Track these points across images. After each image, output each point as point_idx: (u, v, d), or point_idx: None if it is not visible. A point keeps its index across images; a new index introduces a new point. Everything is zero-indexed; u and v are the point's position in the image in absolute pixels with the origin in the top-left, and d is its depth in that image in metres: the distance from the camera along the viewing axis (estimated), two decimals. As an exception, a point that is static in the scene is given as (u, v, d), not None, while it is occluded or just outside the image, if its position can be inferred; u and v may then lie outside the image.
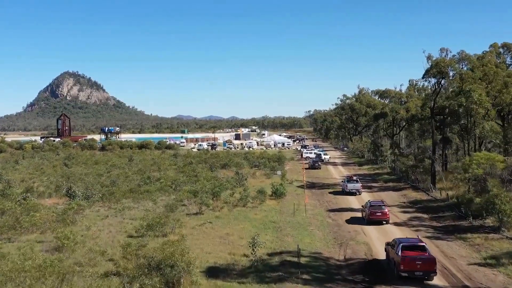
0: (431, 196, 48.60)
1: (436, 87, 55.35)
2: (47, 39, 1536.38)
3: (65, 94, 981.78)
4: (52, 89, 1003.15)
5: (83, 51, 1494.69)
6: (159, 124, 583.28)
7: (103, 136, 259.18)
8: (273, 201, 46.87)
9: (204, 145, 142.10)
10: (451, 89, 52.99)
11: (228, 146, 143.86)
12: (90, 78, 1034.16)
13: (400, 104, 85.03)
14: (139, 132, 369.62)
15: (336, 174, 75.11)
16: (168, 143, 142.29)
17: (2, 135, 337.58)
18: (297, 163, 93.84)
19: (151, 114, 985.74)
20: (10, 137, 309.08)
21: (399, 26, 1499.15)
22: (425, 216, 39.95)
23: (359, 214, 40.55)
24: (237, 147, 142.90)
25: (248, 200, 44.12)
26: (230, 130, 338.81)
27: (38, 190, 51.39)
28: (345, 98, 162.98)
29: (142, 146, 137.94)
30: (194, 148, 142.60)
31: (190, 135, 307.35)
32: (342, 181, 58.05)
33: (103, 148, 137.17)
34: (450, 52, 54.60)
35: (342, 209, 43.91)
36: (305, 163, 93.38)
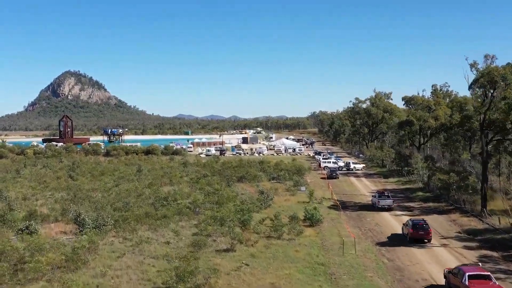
0: (488, 224, 42.94)
1: (485, 98, 49.69)
2: (49, 38, 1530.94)
3: (66, 94, 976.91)
4: (54, 89, 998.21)
5: (84, 51, 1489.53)
6: (161, 125, 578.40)
7: (105, 138, 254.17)
8: (310, 229, 41.24)
9: (213, 150, 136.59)
10: (504, 102, 47.08)
11: (238, 151, 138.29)
12: (91, 77, 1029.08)
13: (428, 111, 79.38)
14: (142, 133, 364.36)
15: (362, 188, 69.50)
16: (174, 148, 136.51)
17: (2, 137, 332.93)
18: (315, 173, 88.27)
19: (152, 113, 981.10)
20: (11, 138, 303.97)
21: (403, 28, 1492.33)
22: (495, 254, 34.24)
23: (416, 251, 35.01)
24: (247, 153, 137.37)
25: (282, 230, 38.53)
26: (234, 131, 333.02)
27: (42, 214, 45.77)
28: (357, 101, 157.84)
29: (148, 151, 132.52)
30: (202, 153, 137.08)
31: (194, 137, 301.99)
32: (372, 196, 56.42)
33: (107, 154, 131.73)
34: (496, 58, 49.06)
35: (392, 240, 38.42)
36: (323, 172, 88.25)
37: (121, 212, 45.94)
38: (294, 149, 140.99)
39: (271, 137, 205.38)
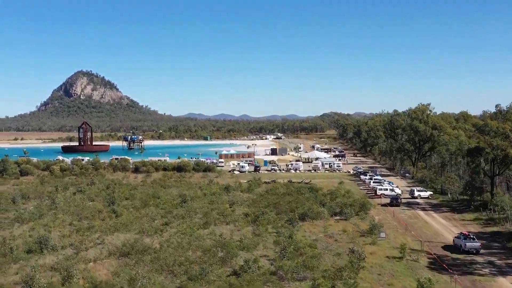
0: None
1: None
2: (61, 38, 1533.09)
3: (78, 94, 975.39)
4: (66, 88, 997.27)
5: (97, 50, 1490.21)
6: (176, 126, 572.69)
7: (125, 144, 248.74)
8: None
9: (246, 166, 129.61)
10: None
11: (273, 167, 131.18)
12: (103, 77, 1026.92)
13: (503, 139, 71.72)
14: (159, 137, 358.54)
15: (442, 229, 62.00)
16: (206, 163, 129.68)
17: (18, 140, 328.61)
18: (372, 201, 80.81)
19: (164, 113, 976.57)
20: (27, 143, 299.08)
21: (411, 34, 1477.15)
22: None
23: None
24: (282, 169, 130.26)
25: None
26: (254, 137, 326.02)
27: (106, 283, 39.04)
28: (395, 113, 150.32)
29: (180, 168, 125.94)
30: (235, 169, 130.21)
31: (214, 143, 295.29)
32: (456, 237, 54.19)
33: (136, 170, 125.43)
34: None
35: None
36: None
37: (200, 283, 39.02)
38: (331, 165, 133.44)
39: (299, 147, 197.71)
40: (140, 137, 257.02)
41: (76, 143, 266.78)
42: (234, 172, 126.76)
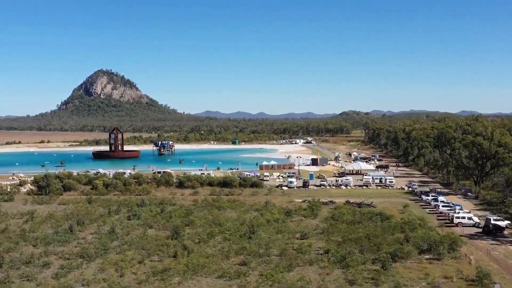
0: None
1: None
2: (81, 38, 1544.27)
3: (99, 93, 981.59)
4: (86, 87, 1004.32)
5: (116, 49, 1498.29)
6: (197, 127, 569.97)
7: (155, 148, 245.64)
8: None
9: (294, 181, 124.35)
10: None
11: (322, 182, 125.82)
12: (123, 76, 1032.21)
13: None
14: (184, 140, 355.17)
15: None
16: (253, 178, 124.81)
17: (44, 143, 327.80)
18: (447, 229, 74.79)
19: (183, 112, 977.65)
20: (55, 147, 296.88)
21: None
22: None
23: None
24: (332, 185, 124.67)
25: None
26: (283, 141, 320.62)
27: None
28: (446, 126, 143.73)
29: (226, 183, 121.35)
30: (282, 184, 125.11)
31: (242, 147, 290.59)
32: None
33: (181, 184, 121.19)
34: None
35: None
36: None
37: None
38: (381, 179, 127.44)
39: (338, 156, 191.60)
40: (171, 142, 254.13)
41: (106, 148, 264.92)
42: (282, 187, 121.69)
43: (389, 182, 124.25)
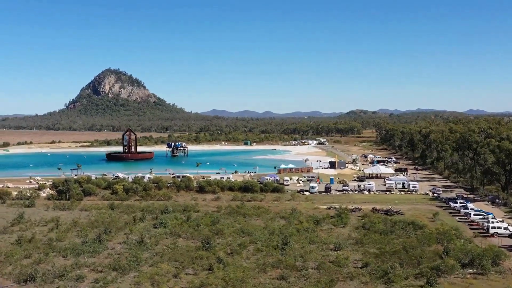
0: None
1: None
2: (89, 37, 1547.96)
3: (106, 92, 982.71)
4: (94, 86, 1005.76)
5: (124, 48, 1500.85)
6: (207, 127, 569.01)
7: (168, 150, 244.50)
8: None
9: (316, 186, 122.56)
10: None
11: (344, 187, 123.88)
12: (131, 75, 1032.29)
13: None
14: (195, 140, 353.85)
15: None
16: (274, 184, 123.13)
17: (56, 144, 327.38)
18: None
19: (191, 111, 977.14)
20: (67, 149, 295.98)
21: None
22: None
23: None
24: (355, 190, 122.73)
25: None
26: (295, 142, 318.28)
27: None
28: (468, 129, 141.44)
29: (246, 188, 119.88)
30: (303, 189, 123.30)
31: (255, 148, 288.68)
32: None
33: (201, 189, 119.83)
34: None
35: None
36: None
37: None
38: (404, 184, 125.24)
39: (355, 159, 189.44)
40: (184, 143, 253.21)
41: (118, 149, 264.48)
42: (304, 192, 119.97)
43: (413, 187, 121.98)
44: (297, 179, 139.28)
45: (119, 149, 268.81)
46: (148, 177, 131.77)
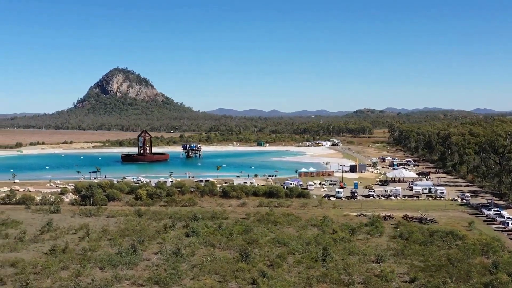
0: None
1: None
2: (97, 36, 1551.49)
3: (114, 91, 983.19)
4: (102, 86, 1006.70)
5: (132, 48, 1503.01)
6: (216, 126, 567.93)
7: (183, 151, 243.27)
8: None
9: (341, 191, 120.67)
10: None
11: (370, 192, 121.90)
12: (139, 74, 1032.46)
13: None
14: (207, 141, 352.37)
15: None
16: (299, 189, 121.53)
17: (68, 144, 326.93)
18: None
19: (199, 110, 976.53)
20: (79, 149, 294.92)
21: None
22: None
23: None
24: (381, 195, 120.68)
25: None
26: (309, 143, 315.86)
27: None
28: (495, 134, 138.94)
29: (271, 193, 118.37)
30: (328, 194, 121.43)
31: (268, 149, 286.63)
32: None
33: (225, 194, 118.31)
34: None
35: None
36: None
37: None
38: (430, 189, 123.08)
39: (375, 162, 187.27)
40: (198, 145, 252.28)
41: (131, 150, 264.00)
42: (330, 198, 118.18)
43: (440, 192, 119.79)
44: (320, 183, 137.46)
45: (132, 150, 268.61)
46: (171, 181, 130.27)
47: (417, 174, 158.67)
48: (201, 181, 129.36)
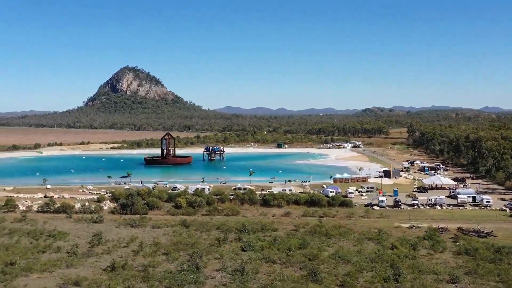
0: None
1: None
2: (107, 34, 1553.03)
3: (124, 89, 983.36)
4: (112, 84, 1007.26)
5: (142, 46, 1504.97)
6: (229, 126, 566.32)
7: (205, 153, 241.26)
8: None
9: (385, 200, 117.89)
10: None
11: (414, 201, 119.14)
12: (148, 73, 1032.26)
13: None
14: (224, 141, 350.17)
15: None
16: (341, 197, 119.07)
17: (85, 145, 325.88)
18: None
19: (208, 108, 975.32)
20: (98, 151, 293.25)
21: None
22: None
23: None
24: (426, 204, 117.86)
25: None
26: (330, 145, 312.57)
27: None
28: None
29: (313, 201, 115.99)
30: (371, 203, 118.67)
31: (288, 151, 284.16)
32: None
33: (265, 202, 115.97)
34: None
35: None
36: None
37: None
38: (475, 198, 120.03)
39: (408, 167, 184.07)
40: (221, 148, 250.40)
41: (150, 151, 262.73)
42: (374, 207, 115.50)
43: (486, 201, 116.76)
44: (357, 190, 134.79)
45: (151, 151, 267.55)
46: (208, 188, 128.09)
47: (453, 180, 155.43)
48: (239, 188, 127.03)
